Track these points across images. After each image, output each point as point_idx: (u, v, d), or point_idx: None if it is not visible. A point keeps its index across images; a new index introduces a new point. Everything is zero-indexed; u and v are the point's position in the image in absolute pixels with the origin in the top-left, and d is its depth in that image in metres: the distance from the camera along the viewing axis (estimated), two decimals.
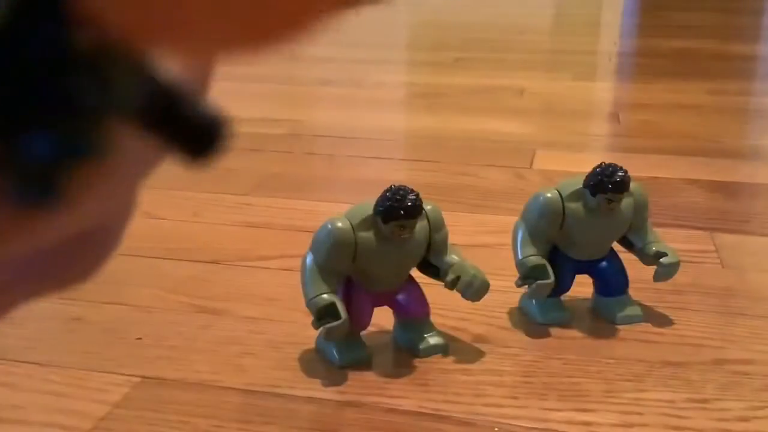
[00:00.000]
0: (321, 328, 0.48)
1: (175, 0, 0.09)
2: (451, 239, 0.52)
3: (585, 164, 0.59)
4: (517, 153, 1.02)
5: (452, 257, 0.51)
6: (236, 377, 0.50)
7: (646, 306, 0.59)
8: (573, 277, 0.57)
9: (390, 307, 0.53)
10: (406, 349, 0.53)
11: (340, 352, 0.51)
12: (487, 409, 0.46)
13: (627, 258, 0.58)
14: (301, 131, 1.16)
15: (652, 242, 0.56)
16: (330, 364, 0.51)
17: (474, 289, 0.50)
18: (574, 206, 0.55)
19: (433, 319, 0.53)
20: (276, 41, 0.10)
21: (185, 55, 0.10)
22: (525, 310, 0.58)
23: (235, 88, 1.42)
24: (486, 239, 0.72)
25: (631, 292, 0.58)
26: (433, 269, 0.52)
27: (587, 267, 0.57)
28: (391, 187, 0.49)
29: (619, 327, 0.56)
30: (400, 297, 0.52)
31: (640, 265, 0.57)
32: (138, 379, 0.49)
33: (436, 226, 0.51)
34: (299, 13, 0.09)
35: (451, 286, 0.51)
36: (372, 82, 1.51)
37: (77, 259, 0.13)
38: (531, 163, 0.98)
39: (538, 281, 0.54)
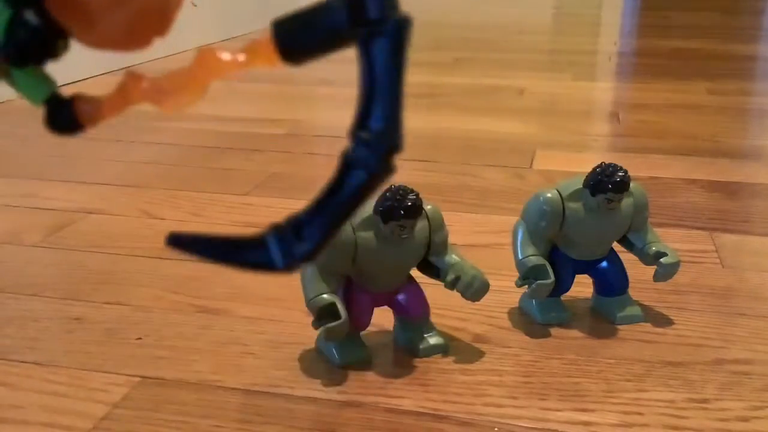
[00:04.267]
0: (321, 329, 0.48)
1: None
2: (451, 239, 0.52)
3: (585, 164, 0.59)
4: (517, 153, 1.02)
5: (452, 257, 0.51)
6: (236, 377, 0.50)
7: (646, 306, 0.59)
8: (573, 277, 0.57)
9: (390, 307, 0.53)
10: (406, 349, 0.53)
11: (340, 352, 0.51)
12: (487, 409, 0.46)
13: (627, 258, 0.58)
14: (301, 131, 1.16)
15: (652, 242, 0.56)
16: (330, 364, 0.51)
17: (474, 289, 0.50)
18: (574, 206, 0.55)
19: (433, 319, 0.53)
20: None
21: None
22: (525, 310, 0.58)
23: (236, 88, 1.42)
24: (486, 239, 0.72)
25: (631, 292, 0.58)
26: (433, 269, 0.52)
27: (587, 267, 0.57)
28: (391, 186, 0.49)
29: (619, 327, 0.56)
30: (400, 297, 0.52)
31: (640, 265, 0.57)
32: (138, 379, 0.49)
33: (437, 226, 0.51)
34: None
35: (451, 286, 0.51)
36: None
37: None
38: (531, 163, 0.98)
39: (538, 281, 0.54)
